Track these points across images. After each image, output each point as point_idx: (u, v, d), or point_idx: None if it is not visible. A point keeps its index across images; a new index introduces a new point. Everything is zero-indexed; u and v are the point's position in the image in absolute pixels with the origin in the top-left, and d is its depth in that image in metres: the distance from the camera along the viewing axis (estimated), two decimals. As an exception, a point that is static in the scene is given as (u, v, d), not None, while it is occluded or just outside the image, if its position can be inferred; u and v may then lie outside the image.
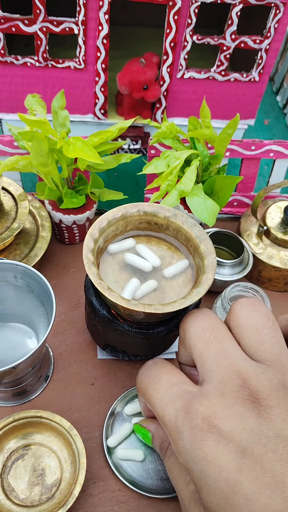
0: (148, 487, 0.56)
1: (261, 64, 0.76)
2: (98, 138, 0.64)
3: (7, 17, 0.68)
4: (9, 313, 0.62)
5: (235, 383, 0.32)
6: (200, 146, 0.67)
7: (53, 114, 0.66)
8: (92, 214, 0.73)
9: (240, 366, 0.33)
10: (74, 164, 0.67)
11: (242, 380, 0.32)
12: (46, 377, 0.63)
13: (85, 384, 0.63)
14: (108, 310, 0.56)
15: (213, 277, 0.51)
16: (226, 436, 0.30)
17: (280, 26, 0.71)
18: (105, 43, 0.72)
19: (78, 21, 0.69)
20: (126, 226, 0.57)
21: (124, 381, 0.64)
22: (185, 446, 0.31)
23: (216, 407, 0.31)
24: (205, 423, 0.31)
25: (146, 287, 0.53)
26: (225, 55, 0.75)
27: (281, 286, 0.74)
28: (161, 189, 0.64)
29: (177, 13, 0.69)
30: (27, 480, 0.54)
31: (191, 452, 0.31)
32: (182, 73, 0.77)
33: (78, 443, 0.54)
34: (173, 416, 0.33)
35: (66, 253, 0.76)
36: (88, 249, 0.52)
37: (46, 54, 0.73)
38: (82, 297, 0.70)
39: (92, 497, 0.55)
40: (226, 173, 0.83)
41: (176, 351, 0.67)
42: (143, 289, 0.52)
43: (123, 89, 0.77)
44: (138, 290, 0.52)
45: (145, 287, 0.53)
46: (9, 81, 0.76)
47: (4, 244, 0.65)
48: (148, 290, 0.53)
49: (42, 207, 0.74)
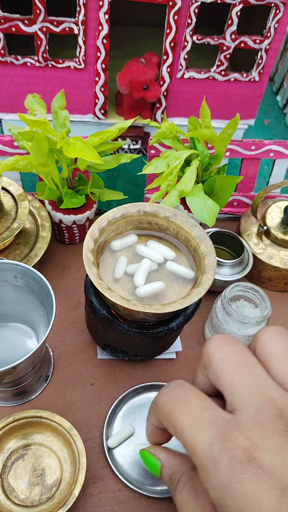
0: (148, 487, 0.56)
1: (261, 64, 0.76)
2: (98, 138, 0.64)
3: (7, 17, 0.68)
4: (9, 313, 0.62)
5: (271, 412, 0.30)
6: (200, 146, 0.67)
7: (53, 114, 0.66)
8: (92, 214, 0.73)
9: (274, 395, 0.31)
10: (74, 164, 0.67)
11: (279, 410, 0.30)
12: (46, 377, 0.63)
13: (85, 384, 0.63)
14: (108, 310, 0.56)
15: (213, 277, 0.51)
16: (267, 471, 0.28)
17: (280, 26, 0.71)
18: (105, 43, 0.72)
19: (78, 21, 0.69)
20: (126, 226, 0.57)
21: (124, 381, 0.64)
22: (221, 479, 0.28)
23: (256, 437, 0.29)
24: (245, 454, 0.28)
25: (153, 287, 0.52)
26: (225, 55, 0.75)
27: (281, 286, 0.74)
28: (161, 189, 0.64)
29: (177, 13, 0.69)
30: (27, 480, 0.54)
31: (229, 486, 0.28)
32: (182, 73, 0.77)
33: (78, 443, 0.54)
34: (208, 444, 0.29)
35: (66, 253, 0.76)
36: (88, 249, 0.52)
37: (46, 54, 0.73)
38: (82, 297, 0.70)
39: (92, 497, 0.55)
40: (226, 173, 0.83)
41: (176, 351, 0.67)
42: (149, 288, 0.52)
43: (123, 89, 0.77)
44: (143, 288, 0.52)
45: (152, 287, 0.52)
46: (9, 81, 0.76)
47: (4, 244, 0.65)
48: (155, 290, 0.53)
49: (42, 207, 0.74)
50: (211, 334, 0.66)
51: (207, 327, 0.68)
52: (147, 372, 0.65)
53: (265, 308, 0.60)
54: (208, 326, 0.67)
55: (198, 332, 0.69)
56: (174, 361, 0.66)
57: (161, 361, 0.66)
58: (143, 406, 0.61)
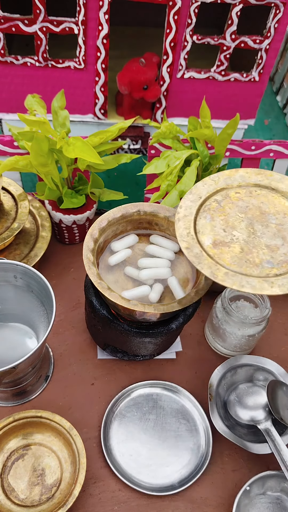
0: (148, 486, 0.56)
1: (261, 64, 0.76)
2: (98, 138, 0.64)
3: (7, 17, 0.68)
4: (9, 313, 0.62)
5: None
6: (200, 146, 0.67)
7: (53, 114, 0.66)
8: (92, 214, 0.73)
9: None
10: (74, 164, 0.67)
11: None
12: (46, 377, 0.63)
13: (85, 384, 0.63)
14: (108, 310, 0.56)
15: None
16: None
17: (280, 26, 0.71)
18: (105, 43, 0.72)
19: (78, 21, 0.69)
20: (126, 226, 0.58)
21: (124, 381, 0.64)
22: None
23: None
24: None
25: (158, 288, 0.53)
26: (225, 55, 0.75)
27: (281, 286, 0.74)
28: (161, 189, 0.64)
29: (177, 13, 0.69)
30: (27, 480, 0.54)
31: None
32: (182, 73, 0.77)
33: (78, 443, 0.54)
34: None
35: (66, 253, 0.76)
36: (88, 249, 0.52)
37: (46, 54, 0.73)
38: (82, 297, 0.70)
39: (92, 497, 0.55)
40: (226, 173, 0.83)
41: (176, 351, 0.67)
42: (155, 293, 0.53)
43: (123, 89, 0.77)
44: (154, 294, 0.53)
45: (157, 288, 0.53)
46: (9, 81, 0.76)
47: (4, 244, 0.65)
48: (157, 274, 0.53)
49: (42, 207, 0.74)
50: (211, 334, 0.66)
51: (207, 327, 0.68)
52: (147, 372, 0.65)
53: (265, 308, 0.60)
54: (208, 326, 0.67)
55: (198, 332, 0.69)
56: (174, 361, 0.66)
57: (161, 361, 0.66)
58: (141, 404, 0.61)
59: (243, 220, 0.48)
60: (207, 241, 0.47)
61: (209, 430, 0.59)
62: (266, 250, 0.46)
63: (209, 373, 0.62)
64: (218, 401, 0.59)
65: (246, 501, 0.54)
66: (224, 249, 0.46)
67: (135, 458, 0.58)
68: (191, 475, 0.57)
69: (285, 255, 0.46)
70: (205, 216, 0.48)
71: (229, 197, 0.49)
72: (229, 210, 0.48)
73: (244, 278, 0.44)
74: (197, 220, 0.48)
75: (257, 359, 0.62)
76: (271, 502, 0.55)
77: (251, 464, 0.59)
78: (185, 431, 0.60)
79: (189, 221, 0.47)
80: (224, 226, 0.47)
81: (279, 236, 0.47)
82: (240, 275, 0.44)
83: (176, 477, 0.57)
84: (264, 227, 0.47)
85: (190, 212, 0.48)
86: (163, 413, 0.61)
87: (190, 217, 0.48)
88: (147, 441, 0.59)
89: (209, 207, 0.49)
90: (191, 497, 0.56)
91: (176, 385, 0.63)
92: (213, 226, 0.47)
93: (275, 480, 0.55)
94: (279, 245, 0.46)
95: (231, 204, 0.49)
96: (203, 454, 0.58)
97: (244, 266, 0.45)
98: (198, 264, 0.45)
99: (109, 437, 0.59)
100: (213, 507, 0.56)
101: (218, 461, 0.59)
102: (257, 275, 0.44)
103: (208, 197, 0.49)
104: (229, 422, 0.58)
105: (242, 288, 0.43)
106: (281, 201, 0.49)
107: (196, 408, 0.61)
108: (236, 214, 0.48)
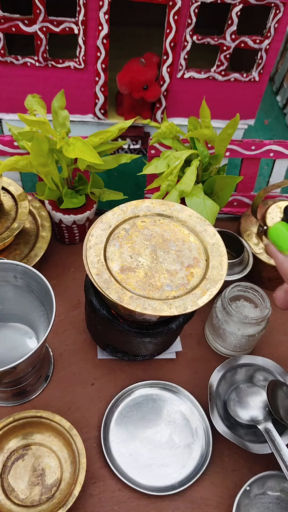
0: (148, 486, 0.56)
1: (261, 64, 0.76)
2: (98, 138, 0.64)
3: (7, 17, 0.68)
4: (9, 313, 0.62)
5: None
6: (200, 146, 0.67)
7: (53, 114, 0.66)
8: (92, 214, 0.73)
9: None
10: (74, 164, 0.67)
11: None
12: (46, 377, 0.63)
13: (85, 384, 0.63)
14: (108, 310, 0.56)
15: (213, 277, 0.51)
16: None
17: (280, 26, 0.71)
18: (105, 43, 0.72)
19: (78, 21, 0.69)
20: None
21: (124, 381, 0.64)
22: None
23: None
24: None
25: None
26: (225, 55, 0.75)
27: (281, 286, 0.74)
28: (161, 189, 0.64)
29: (177, 13, 0.69)
30: (27, 480, 0.54)
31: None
32: (182, 73, 0.77)
33: (78, 443, 0.54)
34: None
35: (66, 253, 0.76)
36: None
37: (46, 54, 0.73)
38: (82, 297, 0.70)
39: (92, 497, 0.55)
40: (226, 173, 0.83)
41: (176, 351, 0.67)
42: None
43: (123, 89, 0.77)
44: None
45: None
46: (9, 81, 0.76)
47: (4, 244, 0.65)
48: None
49: (42, 207, 0.74)
50: (211, 334, 0.66)
51: (207, 327, 0.68)
52: (147, 372, 0.65)
53: (265, 308, 0.60)
54: (208, 326, 0.67)
55: (198, 332, 0.69)
56: (174, 361, 0.66)
57: (161, 361, 0.66)
58: (141, 404, 0.61)
59: (147, 247, 0.51)
60: (116, 267, 0.50)
61: (209, 430, 0.59)
62: (166, 275, 0.50)
63: (209, 373, 0.62)
64: (218, 401, 0.59)
65: (246, 501, 0.54)
66: (130, 274, 0.49)
67: (135, 458, 0.58)
68: (191, 475, 0.57)
69: (182, 279, 0.50)
70: (114, 243, 0.51)
71: (136, 226, 0.53)
72: (136, 238, 0.52)
73: (146, 301, 0.47)
74: (107, 247, 0.51)
75: (257, 359, 0.62)
76: (271, 502, 0.55)
77: (251, 464, 0.59)
78: (185, 431, 0.60)
79: (100, 248, 0.51)
80: (131, 252, 0.51)
81: (178, 262, 0.51)
82: (143, 298, 0.48)
83: (176, 477, 0.57)
84: (165, 253, 0.51)
85: (100, 240, 0.51)
86: (163, 413, 0.61)
87: (101, 245, 0.51)
88: (147, 441, 0.59)
89: (118, 235, 0.52)
90: (191, 497, 0.56)
91: (176, 385, 0.63)
92: (121, 253, 0.51)
93: (275, 480, 0.55)
94: (178, 270, 0.50)
95: (137, 232, 0.53)
96: (203, 454, 0.58)
97: (147, 289, 0.49)
98: (106, 289, 0.48)
99: (109, 437, 0.59)
100: (213, 507, 0.56)
101: (218, 461, 0.59)
102: (158, 297, 0.48)
103: (117, 226, 0.53)
104: (229, 422, 0.58)
105: (144, 310, 0.47)
106: (181, 229, 0.54)
107: (196, 408, 0.61)
108: (141, 242, 0.52)
